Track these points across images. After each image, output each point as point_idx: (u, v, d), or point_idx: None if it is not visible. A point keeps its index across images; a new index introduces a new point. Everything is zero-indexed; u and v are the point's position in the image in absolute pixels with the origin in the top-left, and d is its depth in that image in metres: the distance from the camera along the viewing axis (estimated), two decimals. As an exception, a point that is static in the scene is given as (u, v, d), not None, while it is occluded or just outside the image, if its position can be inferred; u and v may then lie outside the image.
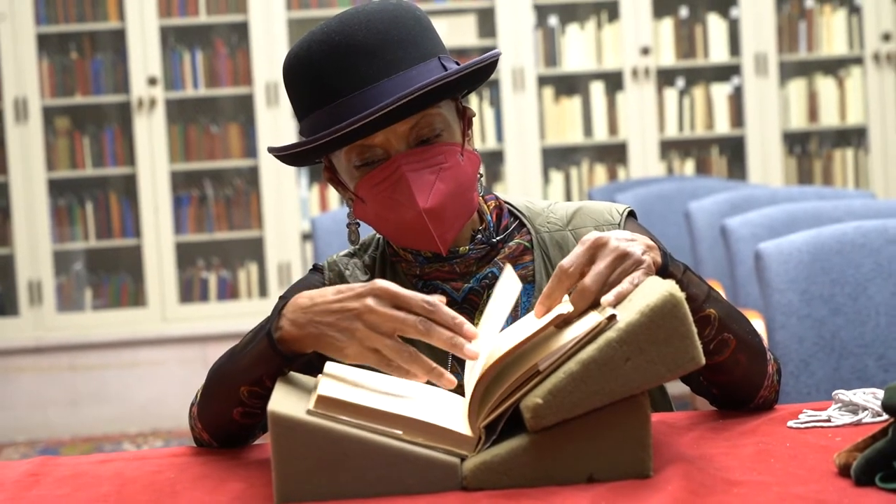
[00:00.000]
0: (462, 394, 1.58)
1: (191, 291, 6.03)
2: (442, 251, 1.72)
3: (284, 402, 1.43)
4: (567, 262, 1.52)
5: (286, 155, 1.74)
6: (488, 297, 1.77)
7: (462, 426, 1.44)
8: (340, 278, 1.83)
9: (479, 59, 1.71)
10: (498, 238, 1.80)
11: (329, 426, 1.40)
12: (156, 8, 5.86)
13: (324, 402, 1.42)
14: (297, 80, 1.72)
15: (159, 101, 5.88)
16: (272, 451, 1.40)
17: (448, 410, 1.49)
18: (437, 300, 1.49)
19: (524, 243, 1.81)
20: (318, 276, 1.85)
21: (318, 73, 1.69)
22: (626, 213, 1.83)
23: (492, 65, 1.73)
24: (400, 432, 1.41)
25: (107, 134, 5.97)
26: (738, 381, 1.68)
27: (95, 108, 6.03)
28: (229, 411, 1.65)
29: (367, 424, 1.41)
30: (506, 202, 1.85)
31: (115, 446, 5.50)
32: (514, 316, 1.76)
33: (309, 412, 1.41)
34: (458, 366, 1.76)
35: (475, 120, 6.07)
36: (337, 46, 1.68)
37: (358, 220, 1.80)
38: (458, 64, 1.74)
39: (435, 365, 1.48)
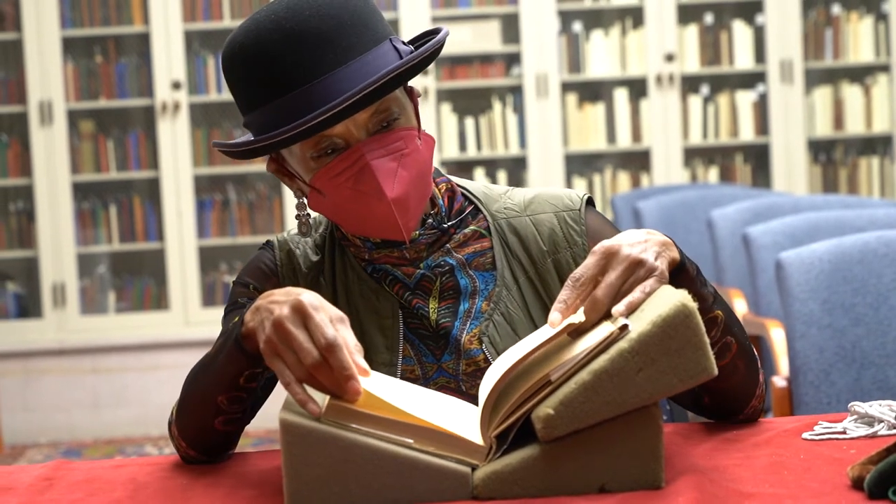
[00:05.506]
0: (476, 403, 1.58)
1: (213, 295, 6.05)
2: (406, 240, 1.69)
3: (296, 409, 1.43)
4: (578, 271, 1.50)
5: (237, 151, 1.66)
6: (441, 284, 1.74)
7: (474, 435, 1.44)
8: (289, 257, 1.79)
9: (433, 42, 1.66)
10: (450, 223, 1.75)
11: (340, 434, 1.40)
12: (180, 12, 5.88)
13: (335, 409, 1.41)
14: (246, 71, 1.63)
15: (183, 105, 5.90)
16: (283, 458, 1.40)
17: (460, 419, 1.49)
18: (350, 345, 1.43)
19: (480, 230, 1.77)
20: (268, 253, 1.80)
21: (271, 63, 1.60)
22: (585, 200, 1.79)
23: (442, 45, 1.67)
24: (411, 441, 1.41)
25: (131, 138, 6.00)
26: (734, 387, 1.65)
27: (120, 111, 6.05)
28: (210, 423, 1.63)
29: (378, 433, 1.40)
30: (460, 186, 1.80)
31: (136, 449, 5.52)
32: (472, 304, 1.73)
33: (320, 420, 1.40)
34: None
35: (497, 125, 6.08)
36: (289, 34, 1.60)
37: (309, 213, 1.74)
38: (405, 44, 1.69)
39: (306, 397, 1.42)
